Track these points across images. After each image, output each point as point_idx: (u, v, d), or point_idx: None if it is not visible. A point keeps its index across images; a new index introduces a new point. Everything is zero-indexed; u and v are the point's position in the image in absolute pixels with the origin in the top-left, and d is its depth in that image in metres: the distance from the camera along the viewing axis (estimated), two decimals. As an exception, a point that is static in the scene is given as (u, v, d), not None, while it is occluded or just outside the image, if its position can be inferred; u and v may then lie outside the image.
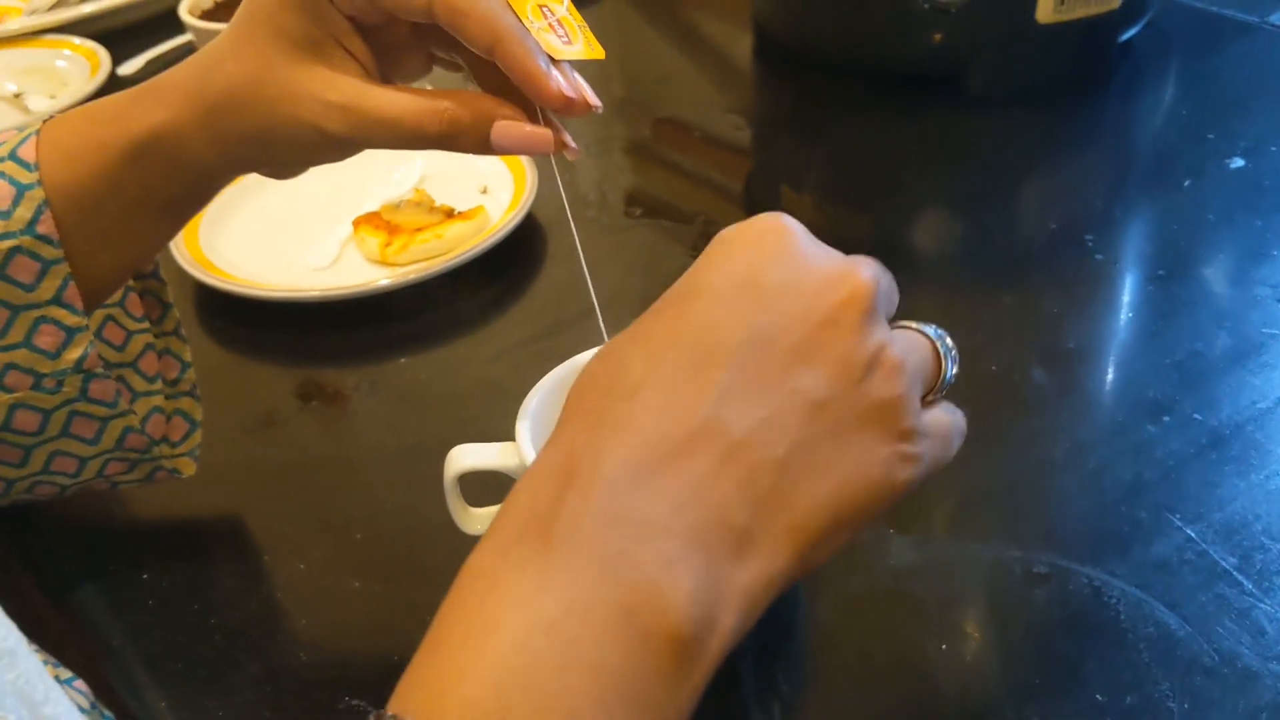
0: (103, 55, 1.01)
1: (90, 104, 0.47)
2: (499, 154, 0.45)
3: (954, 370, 0.38)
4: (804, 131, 0.87)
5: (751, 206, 0.80)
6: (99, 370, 0.48)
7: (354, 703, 0.47)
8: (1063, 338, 0.62)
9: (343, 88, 0.43)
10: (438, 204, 0.75)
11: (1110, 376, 0.60)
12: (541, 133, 0.44)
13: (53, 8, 1.08)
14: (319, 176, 0.80)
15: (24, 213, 0.45)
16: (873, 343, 0.34)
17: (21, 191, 0.45)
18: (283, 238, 0.76)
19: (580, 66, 0.45)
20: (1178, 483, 0.51)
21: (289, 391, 0.65)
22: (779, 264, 0.35)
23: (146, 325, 0.53)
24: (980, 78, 0.82)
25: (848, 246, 0.35)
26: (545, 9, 0.44)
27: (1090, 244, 0.68)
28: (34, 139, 0.46)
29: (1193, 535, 0.49)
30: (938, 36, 0.81)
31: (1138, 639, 0.44)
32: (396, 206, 0.75)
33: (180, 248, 0.72)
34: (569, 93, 0.42)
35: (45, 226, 0.45)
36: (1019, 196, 0.76)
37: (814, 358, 0.33)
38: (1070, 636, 0.46)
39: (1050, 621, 0.47)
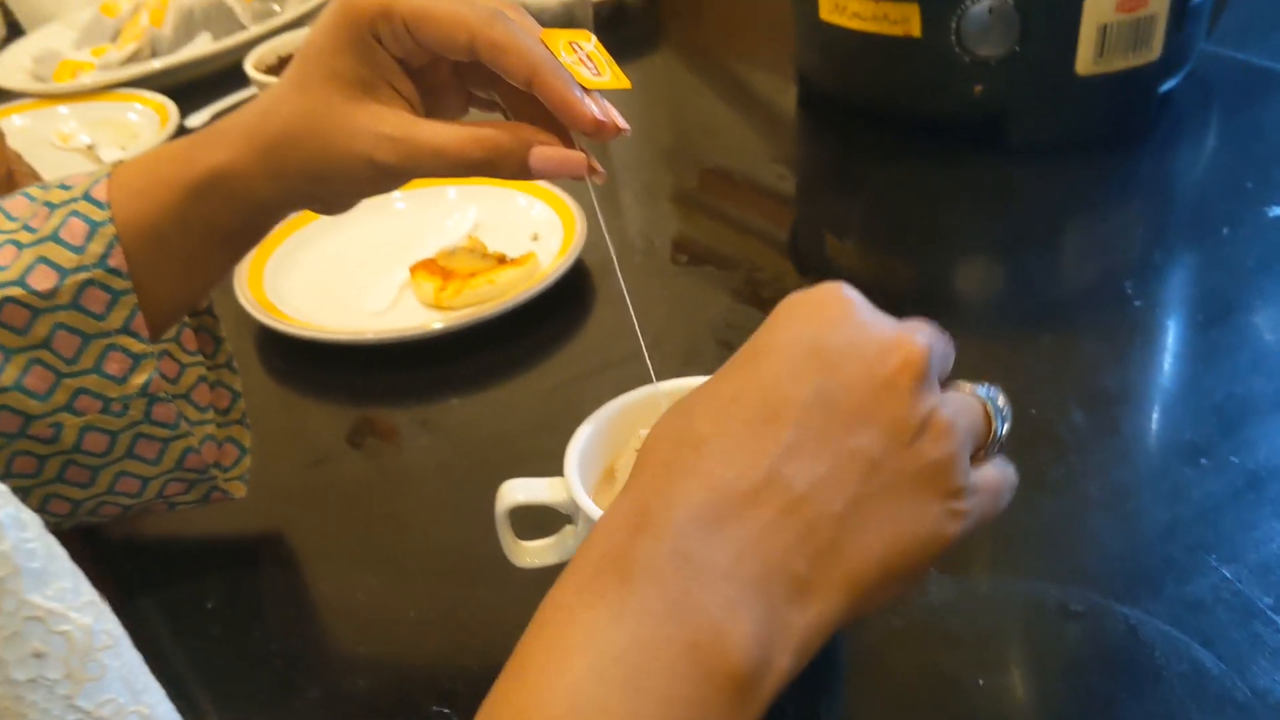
0: (171, 108, 1.05)
1: (157, 147, 0.51)
2: (536, 178, 0.48)
3: (1006, 428, 0.40)
4: (848, 180, 0.89)
5: (796, 254, 0.82)
6: (162, 394, 0.51)
7: (408, 727, 0.49)
8: (1102, 381, 0.63)
9: (392, 121, 0.47)
10: (490, 251, 0.78)
11: (1148, 419, 0.61)
12: (575, 156, 0.47)
13: (124, 63, 1.13)
14: (378, 224, 0.84)
15: (96, 248, 0.48)
16: (926, 406, 0.36)
17: (95, 228, 0.48)
18: (343, 283, 0.79)
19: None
20: (1214, 524, 0.52)
21: (347, 429, 0.68)
22: (841, 329, 0.37)
23: (200, 359, 0.56)
24: (1021, 128, 0.83)
25: (891, 293, 0.37)
26: (575, 45, 0.48)
27: (1129, 290, 0.69)
28: (105, 180, 0.49)
29: (1228, 575, 0.49)
30: (979, 88, 0.82)
31: (1172, 676, 0.45)
32: (451, 253, 0.78)
33: (245, 292, 0.75)
34: (600, 116, 0.46)
35: (116, 260, 0.48)
36: (1059, 244, 0.77)
37: (871, 419, 0.36)
38: (1105, 673, 0.47)
39: (1086, 658, 0.47)
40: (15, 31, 1.30)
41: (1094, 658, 0.47)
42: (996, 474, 0.40)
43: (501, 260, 0.76)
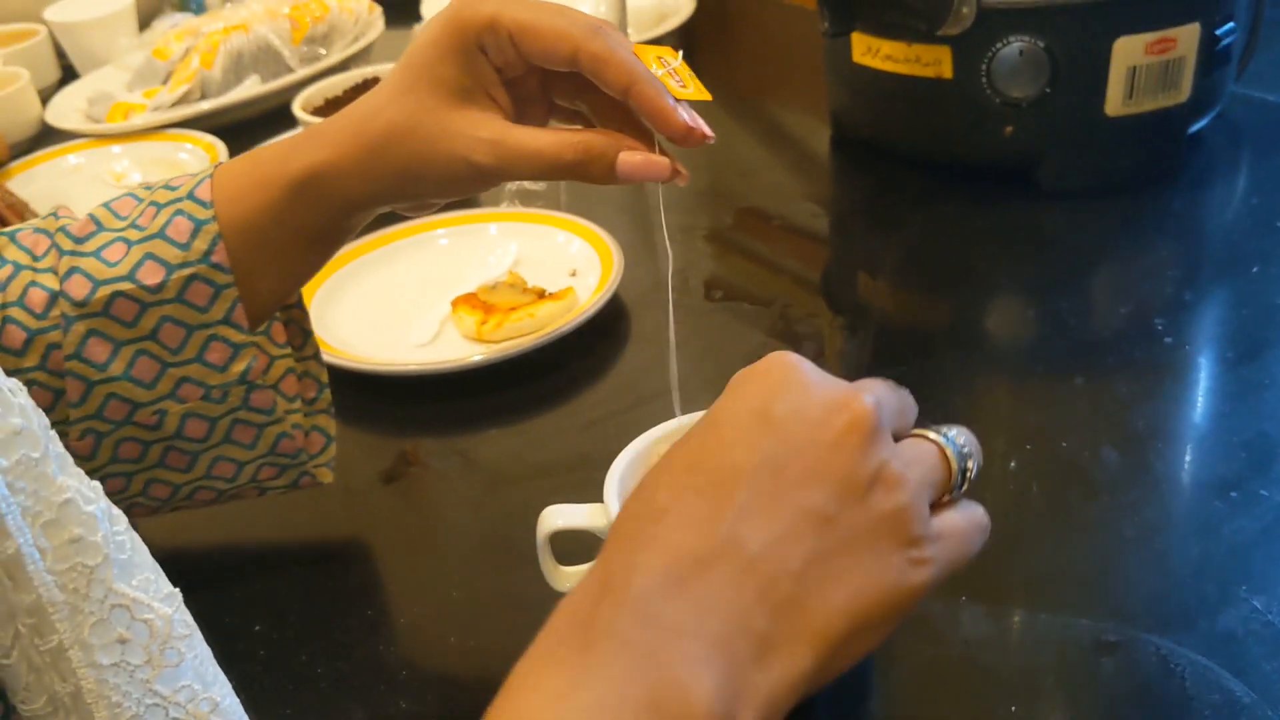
0: (220, 148, 1.08)
1: (256, 149, 0.54)
2: (623, 182, 0.51)
3: (973, 469, 0.41)
4: (880, 221, 0.90)
5: (829, 292, 0.83)
6: (259, 381, 0.54)
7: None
8: (1133, 418, 0.63)
9: (491, 126, 0.50)
10: (530, 285, 0.80)
11: (1180, 456, 0.61)
12: (661, 160, 0.51)
13: (175, 105, 1.17)
14: (422, 260, 0.86)
15: (200, 244, 0.51)
16: (874, 461, 0.38)
17: (199, 226, 0.51)
18: (388, 316, 0.81)
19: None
20: (1244, 557, 0.53)
21: (391, 458, 0.69)
22: (787, 395, 0.39)
23: (289, 351, 0.58)
24: (1051, 170, 0.85)
25: (924, 332, 0.38)
26: (663, 59, 0.51)
27: (1160, 328, 0.70)
28: (209, 181, 0.52)
29: (1259, 606, 0.50)
30: (1009, 130, 0.84)
31: (1203, 706, 0.46)
32: (492, 288, 0.80)
33: (292, 325, 0.77)
34: (691, 124, 0.49)
35: (219, 256, 0.51)
36: (1090, 283, 0.78)
37: (821, 478, 0.37)
38: (1137, 704, 0.47)
39: (1118, 690, 0.48)
40: (70, 74, 1.34)
41: (1127, 689, 0.48)
42: (961, 518, 0.40)
43: (541, 295, 0.78)
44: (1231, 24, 0.82)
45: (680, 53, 0.53)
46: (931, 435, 0.41)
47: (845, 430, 0.38)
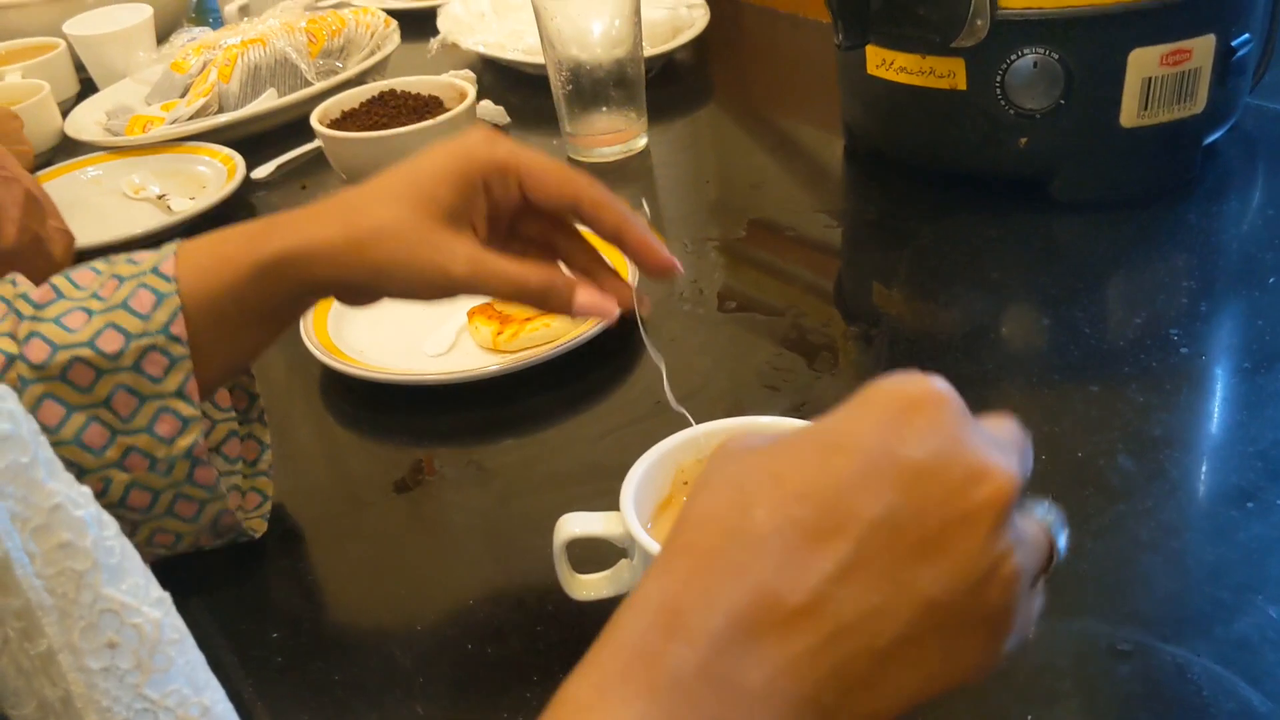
0: (238, 160, 1.09)
1: (223, 229, 0.56)
2: (576, 315, 0.56)
3: (1062, 551, 0.38)
4: (894, 231, 0.90)
5: (842, 301, 0.83)
6: (204, 458, 0.55)
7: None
8: (1149, 426, 0.63)
9: (471, 245, 0.54)
10: (545, 296, 0.80)
11: (1195, 464, 0.61)
12: (609, 305, 0.56)
13: (193, 117, 1.18)
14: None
15: (161, 316, 0.52)
16: (1001, 548, 0.34)
17: (161, 299, 0.52)
18: (404, 326, 0.81)
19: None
20: (1260, 565, 0.53)
21: (407, 467, 0.70)
22: (929, 440, 0.34)
23: (232, 414, 0.60)
24: (1066, 181, 0.85)
25: (939, 340, 0.37)
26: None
27: (1176, 338, 0.70)
28: (172, 257, 0.54)
29: (1274, 615, 0.50)
30: (1023, 141, 0.84)
31: (1219, 713, 0.46)
32: (507, 298, 0.80)
33: (310, 335, 0.78)
34: (670, 259, 0.57)
35: (177, 328, 0.52)
36: (1105, 293, 0.78)
37: (940, 553, 0.33)
38: (1154, 711, 0.47)
39: (1134, 696, 0.48)
40: (89, 88, 1.35)
41: (1142, 696, 0.48)
42: (1034, 606, 0.37)
43: (556, 306, 0.78)
44: (1247, 35, 0.82)
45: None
46: (1043, 519, 0.38)
47: (983, 505, 0.33)
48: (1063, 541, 0.38)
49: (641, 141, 1.06)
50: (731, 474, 0.35)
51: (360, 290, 0.56)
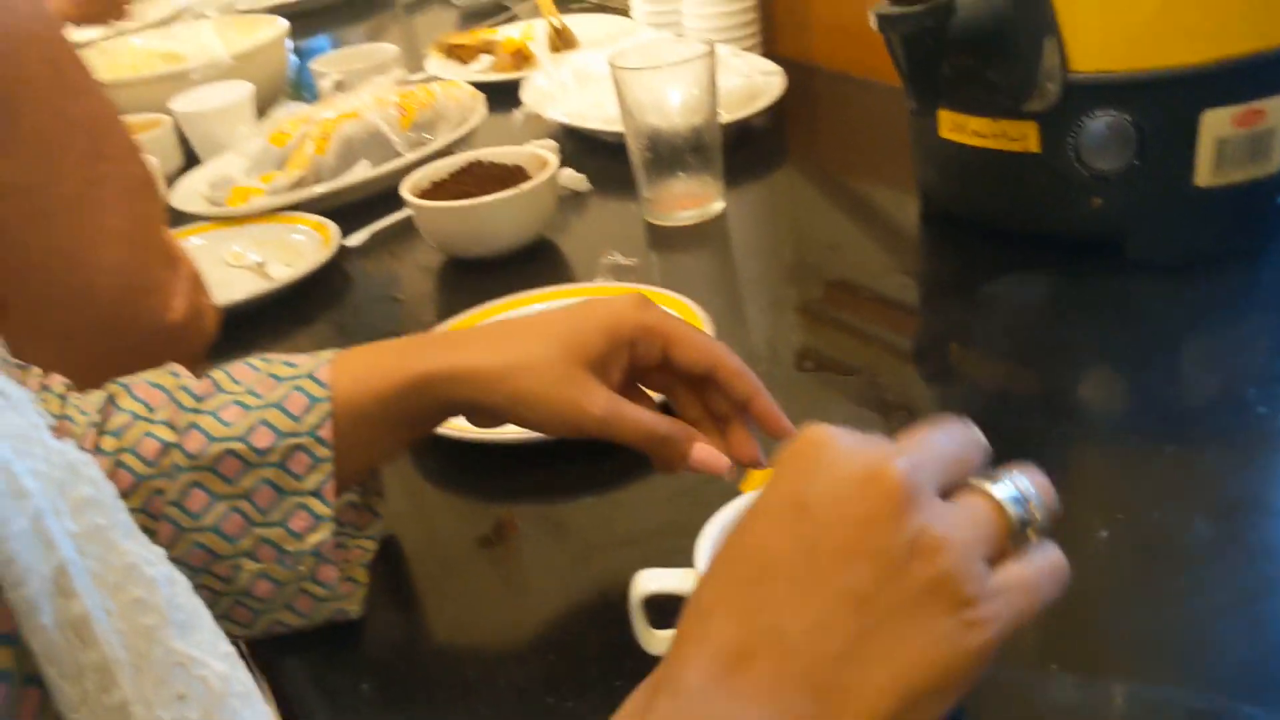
0: (333, 229, 1.13)
1: (382, 342, 0.61)
2: (692, 468, 0.60)
3: (1037, 512, 0.40)
4: (970, 292, 0.91)
5: (920, 362, 0.84)
6: (329, 556, 0.58)
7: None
8: (1226, 489, 0.63)
9: (606, 389, 0.59)
10: (624, 358, 0.82)
11: (1273, 526, 0.61)
12: (724, 460, 0.60)
13: (291, 188, 1.23)
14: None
15: (311, 419, 0.57)
16: (910, 529, 0.37)
17: (314, 403, 0.57)
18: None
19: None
20: (1341, 629, 0.52)
21: (489, 524, 0.72)
22: (816, 476, 0.39)
23: (350, 531, 0.64)
24: (1140, 241, 0.85)
25: (1015, 401, 0.37)
26: None
27: (1253, 399, 0.70)
28: (329, 364, 0.58)
29: (1355, 679, 0.49)
30: (1096, 201, 0.85)
31: (1298, 778, 0.45)
32: (587, 361, 0.82)
33: (398, 396, 0.81)
34: (791, 426, 0.61)
35: (325, 432, 0.56)
36: (1180, 354, 0.78)
37: (855, 555, 0.38)
38: (1231, 775, 0.47)
39: (1211, 760, 0.48)
40: (192, 160, 1.42)
41: (1219, 760, 0.48)
42: (1025, 568, 0.39)
43: (634, 368, 0.81)
44: (1321, 94, 0.82)
45: None
46: (982, 485, 0.40)
47: (876, 503, 0.38)
48: (1025, 511, 0.40)
49: (718, 205, 1.08)
50: (700, 578, 0.42)
51: (496, 415, 0.60)
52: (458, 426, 0.78)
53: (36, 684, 0.34)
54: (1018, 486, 0.41)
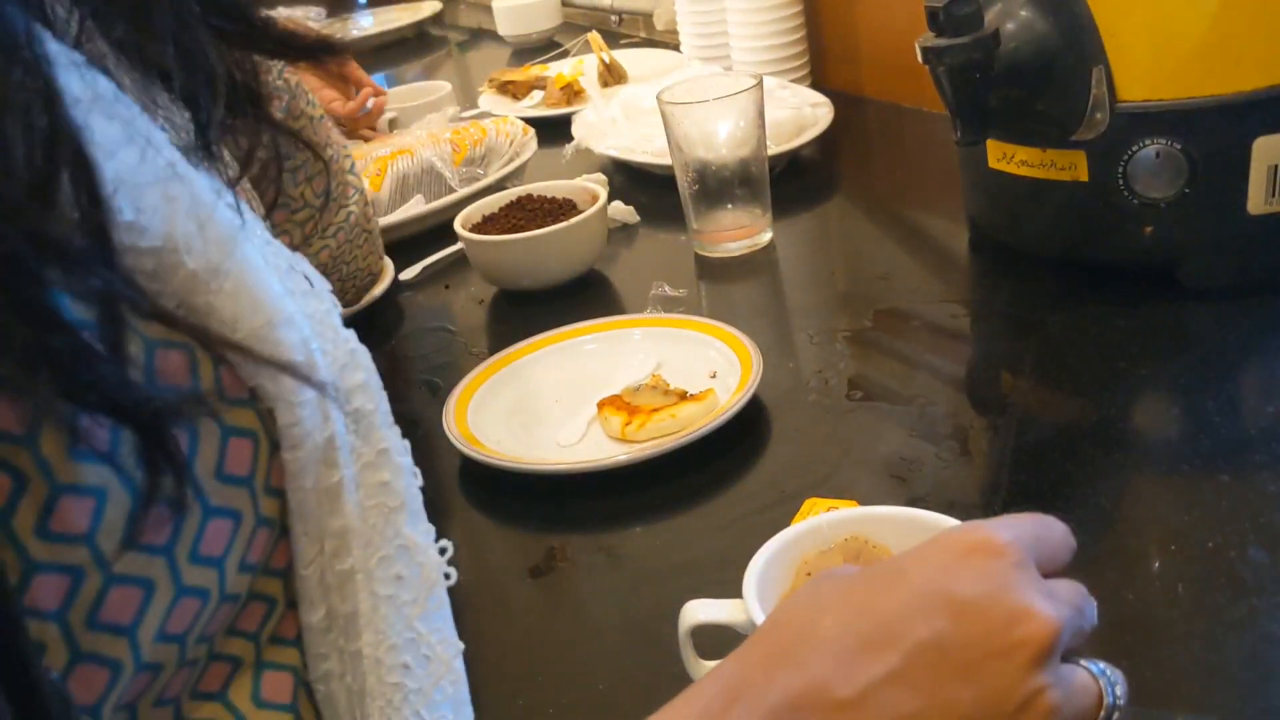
0: (388, 263, 1.15)
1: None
2: None
3: (1116, 716, 0.41)
4: (1020, 320, 0.91)
5: (971, 391, 0.84)
6: None
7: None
8: (1282, 518, 0.62)
9: None
10: (672, 387, 0.83)
11: (1333, 557, 0.60)
12: None
13: (347, 223, 1.25)
14: (570, 365, 0.91)
15: None
16: (1035, 684, 0.38)
17: None
18: (537, 418, 0.85)
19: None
20: (1401, 661, 0.51)
21: (540, 554, 0.73)
22: (981, 582, 0.39)
23: None
24: (1193, 269, 0.84)
25: (1067, 430, 0.38)
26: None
27: (1310, 427, 0.69)
28: None
29: None
30: (1148, 230, 0.84)
31: (1357, 813, 0.45)
32: (636, 390, 0.83)
33: (451, 427, 0.82)
34: None
35: None
36: (1234, 382, 0.77)
37: (977, 680, 0.38)
38: (1288, 809, 0.46)
39: (1268, 794, 0.47)
40: (252, 197, 1.45)
41: (1276, 794, 0.47)
42: None
43: (683, 396, 0.81)
44: (1376, 119, 0.81)
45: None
46: (1093, 669, 0.41)
47: (1018, 644, 0.38)
48: (1117, 694, 0.41)
49: (766, 236, 1.09)
50: (815, 589, 0.41)
51: None
52: (509, 456, 0.79)
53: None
54: (1118, 684, 0.41)
